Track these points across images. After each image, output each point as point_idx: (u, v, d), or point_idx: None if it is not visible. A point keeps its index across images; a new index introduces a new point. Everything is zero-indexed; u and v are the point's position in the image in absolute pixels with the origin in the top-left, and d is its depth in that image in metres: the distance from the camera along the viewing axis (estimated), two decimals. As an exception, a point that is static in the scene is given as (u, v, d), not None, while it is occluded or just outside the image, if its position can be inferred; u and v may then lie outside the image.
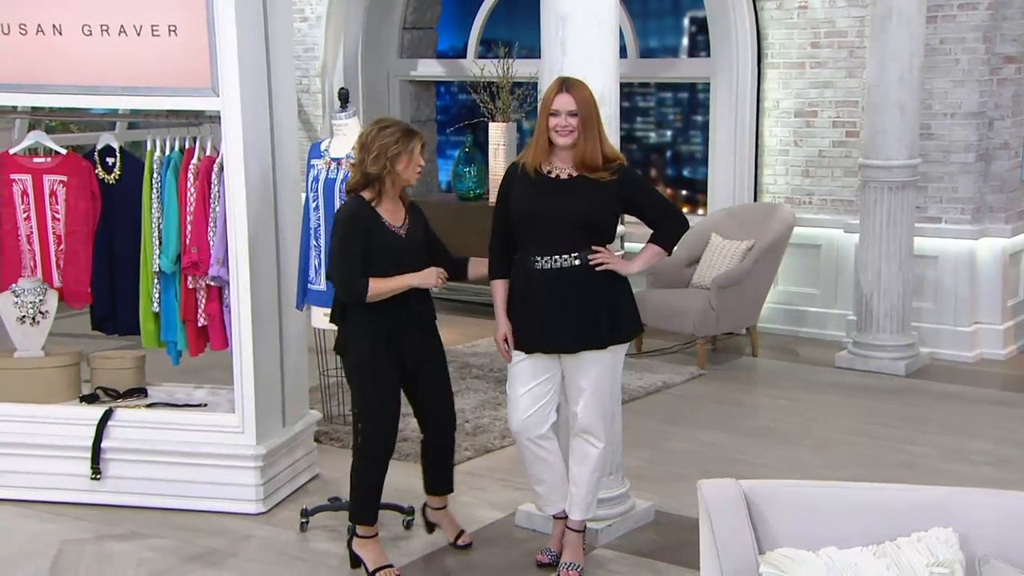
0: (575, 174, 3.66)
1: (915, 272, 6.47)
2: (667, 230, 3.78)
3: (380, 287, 3.61)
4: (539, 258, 3.66)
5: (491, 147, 7.76)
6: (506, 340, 3.74)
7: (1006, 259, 6.67)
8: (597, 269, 3.65)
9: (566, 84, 3.64)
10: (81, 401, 4.59)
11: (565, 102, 3.60)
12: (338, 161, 3.99)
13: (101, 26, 4.19)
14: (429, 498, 4.09)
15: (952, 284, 6.61)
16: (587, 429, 3.76)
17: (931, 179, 6.57)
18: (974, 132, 6.52)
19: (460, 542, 4.06)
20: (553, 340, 3.69)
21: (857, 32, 6.76)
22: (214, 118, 4.34)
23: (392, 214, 3.74)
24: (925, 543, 2.12)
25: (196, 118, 4.52)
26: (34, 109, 4.66)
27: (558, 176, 3.68)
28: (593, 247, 3.65)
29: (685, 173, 8.74)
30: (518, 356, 3.75)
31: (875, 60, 6.19)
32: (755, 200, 7.17)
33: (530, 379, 3.74)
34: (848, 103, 6.87)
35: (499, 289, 3.78)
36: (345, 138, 4.01)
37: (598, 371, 3.72)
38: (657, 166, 8.65)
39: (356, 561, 3.82)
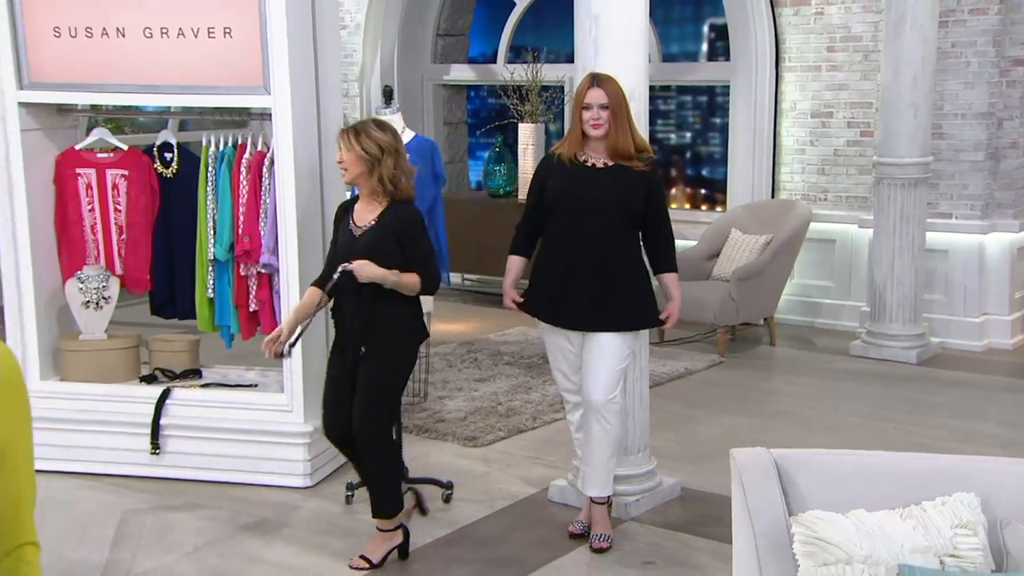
0: (610, 163, 3.69)
1: (926, 265, 6.43)
2: (665, 252, 3.80)
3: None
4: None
5: (520, 147, 7.79)
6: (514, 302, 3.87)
7: (1014, 253, 6.62)
8: (668, 326, 3.88)
9: (597, 79, 3.67)
10: (141, 381, 4.64)
11: (597, 96, 3.62)
12: (383, 154, 4.00)
13: (161, 29, 4.24)
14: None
15: (962, 277, 6.58)
16: (599, 407, 3.75)
17: (942, 176, 6.54)
18: (984, 132, 6.47)
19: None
20: (579, 318, 3.72)
21: (871, 37, 6.73)
22: (259, 116, 4.37)
23: (361, 213, 3.61)
24: (949, 506, 2.12)
25: (242, 116, 4.56)
26: (93, 107, 4.70)
27: (593, 165, 3.70)
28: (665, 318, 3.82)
29: (704, 173, 8.71)
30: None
31: (889, 63, 6.17)
32: (773, 197, 7.15)
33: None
34: (862, 104, 6.84)
35: (515, 264, 3.88)
36: (389, 133, 4.04)
37: (614, 351, 3.71)
38: (678, 166, 8.63)
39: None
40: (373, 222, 3.57)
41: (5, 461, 1.33)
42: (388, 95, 4.06)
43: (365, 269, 3.49)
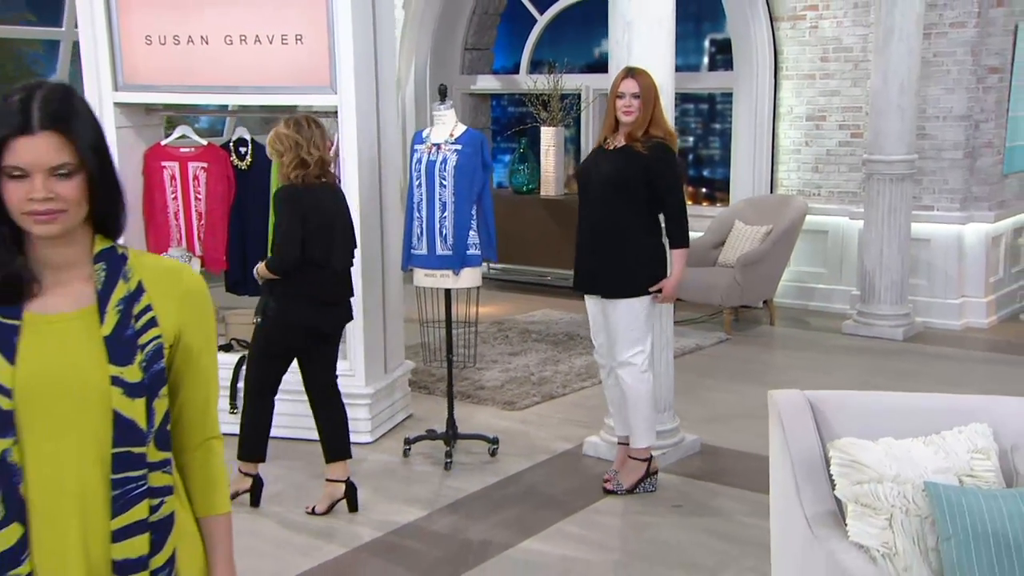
0: (620, 144, 3.78)
1: (911, 252, 6.52)
2: (679, 232, 3.75)
3: None
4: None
5: (543, 148, 7.88)
6: None
7: (989, 242, 6.71)
8: (659, 301, 3.80)
9: (632, 72, 3.76)
10: (219, 350, 4.75)
11: (630, 86, 3.72)
12: (438, 146, 4.11)
13: (240, 36, 4.34)
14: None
15: (942, 263, 6.67)
16: (615, 367, 3.84)
17: (925, 173, 6.62)
18: (962, 133, 6.56)
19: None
20: (590, 285, 3.85)
21: (861, 48, 6.81)
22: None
23: None
24: (965, 435, 2.22)
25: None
26: (166, 106, 4.77)
27: (610, 147, 3.81)
28: (656, 295, 3.77)
29: (705, 173, 8.81)
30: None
31: (878, 71, 6.26)
32: (772, 192, 7.24)
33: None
34: (853, 109, 6.93)
35: None
36: (444, 126, 4.13)
37: (621, 315, 3.77)
38: (681, 167, 8.72)
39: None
40: None
41: (200, 363, 1.44)
42: (443, 94, 4.16)
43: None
